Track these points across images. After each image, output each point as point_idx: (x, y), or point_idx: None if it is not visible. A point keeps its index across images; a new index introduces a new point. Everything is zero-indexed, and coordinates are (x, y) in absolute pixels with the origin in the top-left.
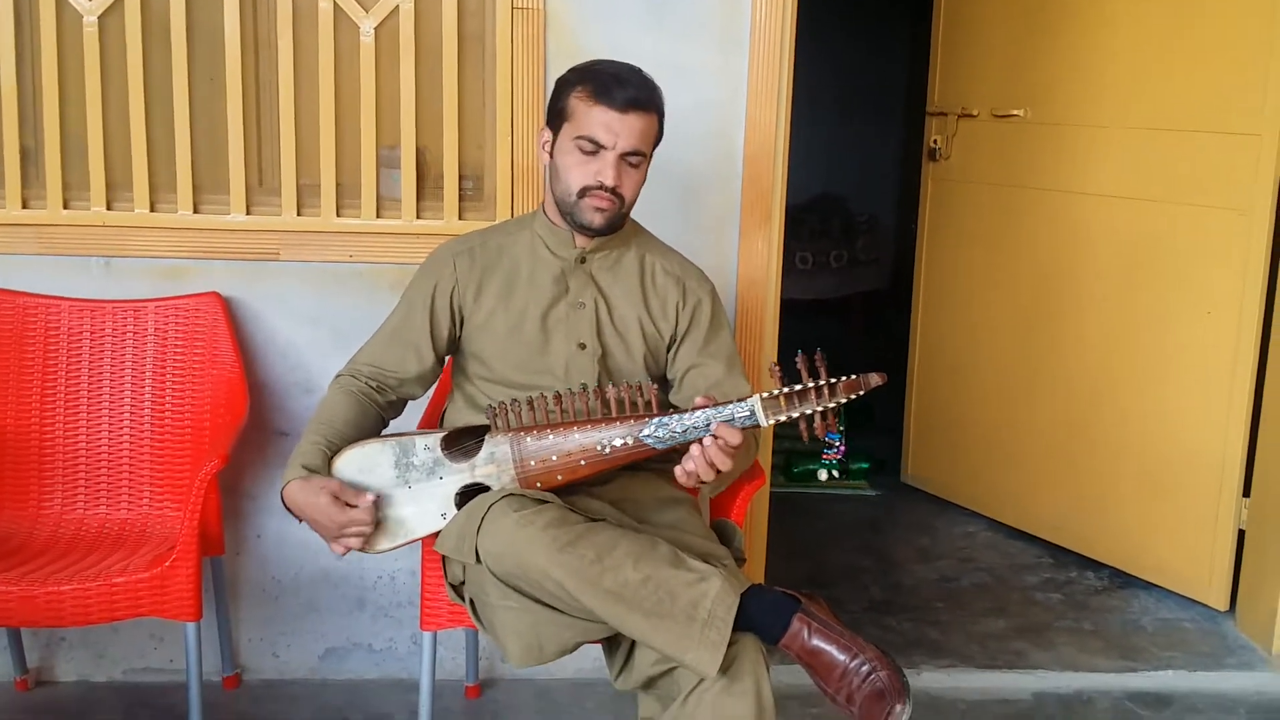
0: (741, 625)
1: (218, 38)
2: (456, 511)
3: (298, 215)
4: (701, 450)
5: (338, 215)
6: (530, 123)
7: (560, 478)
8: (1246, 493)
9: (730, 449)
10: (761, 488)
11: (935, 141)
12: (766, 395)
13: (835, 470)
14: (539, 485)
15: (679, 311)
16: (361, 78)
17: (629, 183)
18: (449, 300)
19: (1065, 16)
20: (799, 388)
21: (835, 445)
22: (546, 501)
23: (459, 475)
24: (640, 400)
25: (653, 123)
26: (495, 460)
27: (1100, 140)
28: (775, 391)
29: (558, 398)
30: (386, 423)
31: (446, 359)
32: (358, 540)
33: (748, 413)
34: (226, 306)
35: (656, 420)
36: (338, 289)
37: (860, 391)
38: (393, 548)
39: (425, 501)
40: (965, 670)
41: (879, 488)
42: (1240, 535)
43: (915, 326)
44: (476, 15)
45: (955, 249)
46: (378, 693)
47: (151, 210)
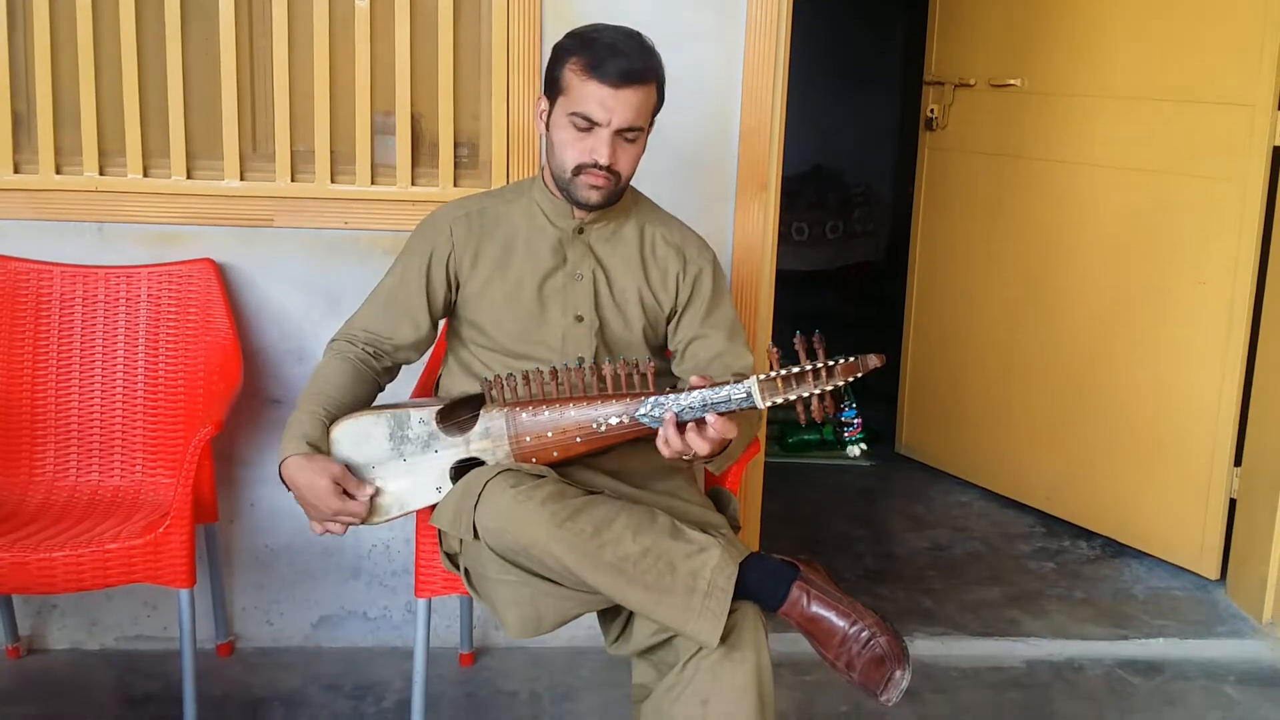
0: (741, 594)
1: (212, 1)
2: (452, 485)
3: (292, 181)
4: (683, 435)
5: (332, 181)
6: (526, 89)
7: (555, 454)
8: (1238, 462)
9: (719, 441)
10: (756, 456)
11: (932, 111)
12: (764, 377)
13: (863, 443)
14: (534, 460)
15: (679, 283)
16: (356, 43)
17: (625, 158)
18: (445, 267)
19: None
20: (797, 370)
21: (853, 422)
22: (542, 476)
23: (454, 449)
24: (637, 376)
25: (650, 93)
26: (490, 435)
27: (1096, 110)
28: (773, 373)
29: (554, 373)
30: (382, 388)
31: (442, 324)
32: (341, 529)
33: (745, 394)
34: (220, 272)
35: (653, 400)
36: (332, 255)
37: (859, 374)
38: (387, 520)
39: (420, 475)
40: (958, 638)
41: (873, 458)
42: (1232, 505)
43: (911, 297)
44: None
45: (951, 219)
46: (372, 661)
47: (145, 176)
